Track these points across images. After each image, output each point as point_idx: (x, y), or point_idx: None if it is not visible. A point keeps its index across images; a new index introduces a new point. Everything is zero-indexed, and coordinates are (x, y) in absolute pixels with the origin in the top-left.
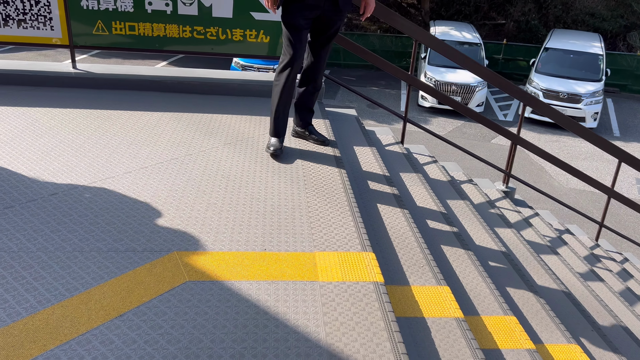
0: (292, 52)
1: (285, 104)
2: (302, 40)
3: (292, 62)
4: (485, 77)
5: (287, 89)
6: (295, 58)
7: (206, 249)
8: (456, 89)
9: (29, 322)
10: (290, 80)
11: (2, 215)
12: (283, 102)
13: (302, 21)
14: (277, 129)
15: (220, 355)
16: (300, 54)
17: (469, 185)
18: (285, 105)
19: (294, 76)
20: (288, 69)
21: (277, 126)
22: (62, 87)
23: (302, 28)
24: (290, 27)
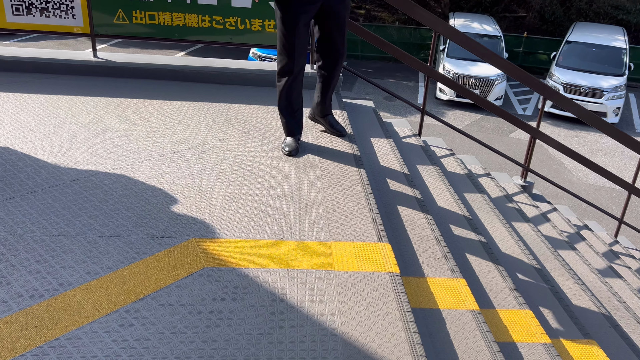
0: (288, 55)
1: (291, 104)
2: (301, 38)
3: (290, 67)
4: (506, 70)
5: (288, 91)
6: (293, 62)
7: (223, 237)
8: (475, 82)
9: (51, 303)
10: (290, 84)
11: (26, 199)
12: (288, 103)
13: (302, 16)
14: (290, 129)
15: (237, 340)
16: (299, 55)
17: (486, 179)
18: (291, 105)
19: (294, 79)
20: (287, 76)
21: (289, 126)
22: (83, 76)
23: (301, 24)
24: (287, 23)
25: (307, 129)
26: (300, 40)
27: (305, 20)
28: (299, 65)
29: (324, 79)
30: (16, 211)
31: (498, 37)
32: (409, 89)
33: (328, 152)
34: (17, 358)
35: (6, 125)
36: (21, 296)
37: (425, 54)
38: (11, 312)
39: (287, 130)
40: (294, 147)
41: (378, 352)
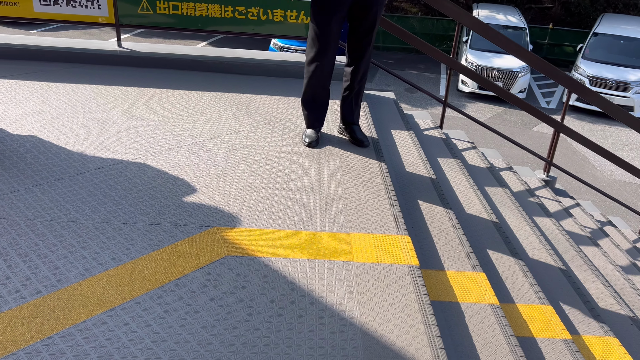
0: (318, 46)
1: (313, 97)
2: (334, 32)
3: (318, 59)
4: (530, 62)
5: (313, 83)
6: (321, 54)
7: (244, 226)
8: (498, 74)
9: (77, 288)
10: (317, 76)
11: (53, 186)
12: (310, 95)
13: (337, 8)
14: (310, 120)
15: (257, 328)
16: (326, 49)
17: (508, 173)
18: (315, 97)
19: (323, 70)
20: (314, 67)
21: (310, 117)
22: (108, 65)
23: (335, 19)
24: (320, 15)
25: (328, 121)
26: (332, 33)
27: (339, 14)
28: (327, 58)
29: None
30: (44, 197)
31: (523, 29)
32: (431, 80)
33: (348, 143)
34: (45, 340)
35: (34, 113)
36: (49, 280)
37: (447, 45)
38: (40, 295)
39: (308, 121)
40: (314, 139)
41: (397, 343)
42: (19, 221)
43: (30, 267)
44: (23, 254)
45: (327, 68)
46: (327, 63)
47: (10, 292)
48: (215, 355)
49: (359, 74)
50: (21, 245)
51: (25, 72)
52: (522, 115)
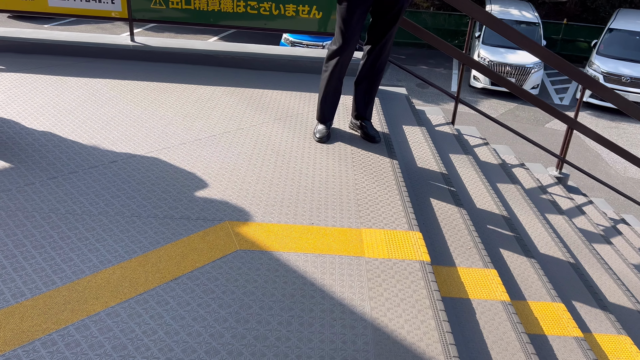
0: (341, 39)
1: (331, 91)
2: (355, 25)
3: (340, 52)
4: (544, 58)
5: (333, 77)
6: (343, 47)
7: (256, 220)
8: (510, 70)
9: (91, 280)
10: (337, 70)
11: (67, 179)
12: (328, 89)
13: (359, 2)
14: (324, 115)
15: (268, 321)
16: (349, 43)
17: (520, 170)
18: (331, 93)
19: (344, 64)
20: (337, 57)
21: (324, 112)
22: (121, 59)
23: (358, 12)
24: (345, 9)
25: (339, 115)
26: (355, 25)
27: (362, 9)
28: (349, 51)
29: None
30: (58, 190)
31: (536, 24)
32: (442, 76)
33: (360, 139)
34: (60, 330)
35: (48, 107)
36: (64, 271)
37: (459, 40)
38: (55, 286)
39: (321, 116)
40: (324, 134)
41: (407, 338)
42: (35, 213)
43: (46, 259)
44: (38, 245)
45: (347, 61)
46: (348, 56)
47: (26, 283)
48: (227, 348)
49: (376, 69)
50: (36, 237)
51: (40, 66)
52: (535, 111)
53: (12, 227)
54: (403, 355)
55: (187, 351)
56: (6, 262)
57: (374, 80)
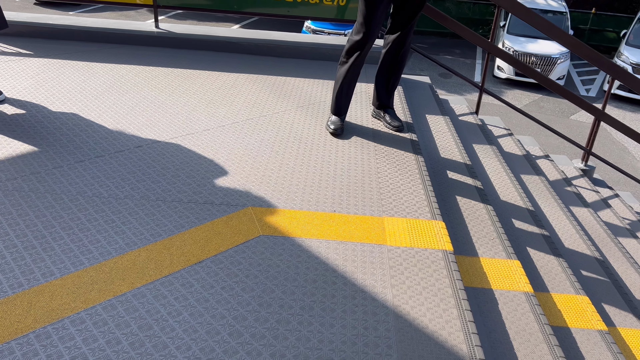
0: (365, 31)
1: (349, 83)
2: (380, 16)
3: (364, 44)
4: (572, 47)
5: (353, 69)
6: (367, 39)
7: (279, 207)
8: (536, 60)
9: (118, 261)
10: (358, 62)
11: (94, 163)
12: (347, 81)
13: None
14: (339, 107)
15: (290, 306)
16: (373, 34)
17: (545, 161)
18: (349, 84)
19: (363, 57)
20: (358, 51)
21: (339, 104)
22: (145, 46)
23: (381, 3)
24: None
25: (362, 104)
26: (378, 17)
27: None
28: (370, 43)
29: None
30: (85, 174)
31: (563, 14)
32: (466, 66)
33: (382, 127)
34: (88, 309)
35: (75, 92)
36: (91, 252)
37: (484, 30)
38: (83, 266)
39: (335, 108)
40: (339, 126)
41: (429, 326)
42: (63, 196)
43: (74, 240)
44: (67, 227)
45: (367, 53)
46: (370, 48)
47: (55, 262)
48: (250, 331)
49: (399, 57)
50: (65, 219)
51: (67, 51)
52: (560, 102)
53: (42, 208)
54: (425, 343)
55: (210, 333)
56: (36, 242)
57: (397, 69)
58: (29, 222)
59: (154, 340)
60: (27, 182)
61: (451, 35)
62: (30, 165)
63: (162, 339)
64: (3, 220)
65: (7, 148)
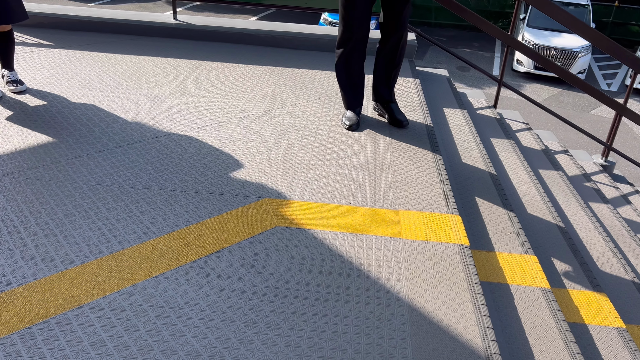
0: (346, 23)
1: (349, 76)
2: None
3: (347, 39)
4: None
5: (346, 63)
6: (351, 30)
7: (294, 199)
8: (556, 53)
9: (136, 250)
10: (348, 56)
11: (113, 153)
12: (344, 76)
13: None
14: (348, 102)
15: (305, 297)
16: (357, 25)
17: (563, 156)
18: (349, 77)
19: (354, 48)
20: (342, 48)
21: (347, 99)
22: (164, 37)
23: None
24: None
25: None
26: (359, 9)
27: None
28: (357, 35)
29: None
30: (104, 163)
31: (585, 6)
32: (485, 59)
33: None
34: (107, 297)
35: (95, 83)
36: (110, 241)
37: (503, 23)
38: (101, 255)
39: (346, 103)
40: (354, 122)
41: (444, 320)
42: (82, 185)
43: (93, 229)
44: (86, 215)
45: (358, 50)
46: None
47: (75, 250)
48: (265, 321)
49: (396, 49)
50: (84, 208)
51: (87, 42)
52: (580, 97)
53: (62, 197)
54: (439, 337)
55: (226, 322)
56: (56, 230)
57: (396, 62)
58: (50, 211)
59: (170, 328)
60: (48, 171)
61: (470, 28)
62: (51, 155)
63: (178, 327)
64: (25, 208)
65: (28, 137)
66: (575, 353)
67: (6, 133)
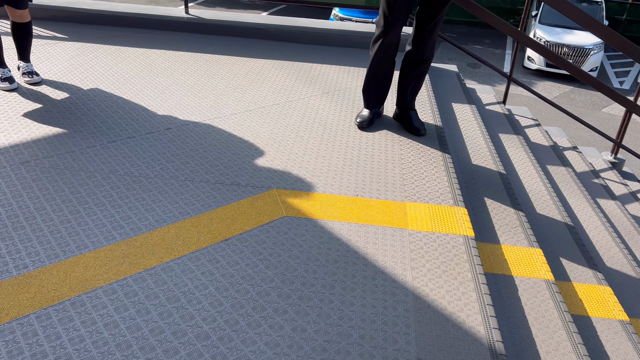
0: (385, 24)
1: (376, 76)
2: (401, 8)
3: (384, 34)
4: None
5: (379, 60)
6: (387, 29)
7: (302, 190)
8: (568, 51)
9: (148, 237)
10: (382, 51)
11: (125, 144)
12: (374, 73)
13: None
14: (367, 100)
15: (312, 283)
16: (395, 27)
17: (572, 153)
18: (376, 77)
19: (389, 46)
20: (378, 44)
21: (368, 97)
22: (175, 31)
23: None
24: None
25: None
26: (399, 11)
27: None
28: (391, 37)
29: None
30: (117, 153)
31: (598, 3)
32: (495, 56)
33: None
34: (119, 280)
35: (108, 75)
36: (123, 228)
37: (515, 20)
38: (114, 241)
39: (364, 101)
40: (365, 119)
41: (448, 308)
42: (96, 174)
43: (106, 216)
44: (100, 203)
45: (392, 46)
46: (392, 41)
47: (89, 236)
48: (273, 306)
49: (426, 54)
50: (98, 196)
51: (100, 36)
52: (591, 95)
53: (76, 185)
54: (443, 324)
55: (235, 306)
56: (71, 216)
57: (423, 68)
58: (65, 198)
59: (181, 312)
60: (63, 160)
61: (481, 25)
62: (66, 144)
63: (188, 310)
64: (40, 195)
65: (44, 127)
66: (578, 343)
67: (22, 123)
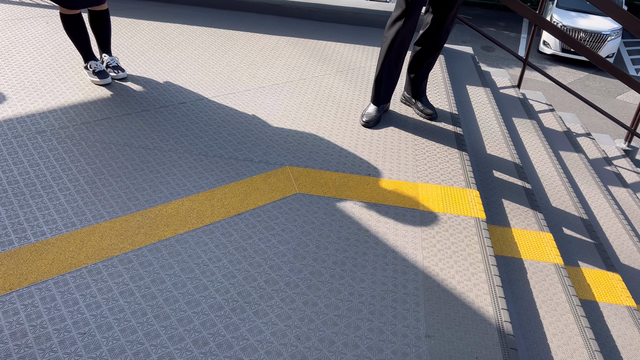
0: (406, 4)
1: (389, 66)
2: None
3: (404, 15)
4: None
5: (395, 49)
6: (409, 12)
7: (315, 167)
8: (585, 36)
9: (162, 209)
10: (400, 37)
11: (140, 116)
12: (387, 63)
13: None
14: (376, 95)
15: (323, 260)
16: (417, 8)
17: (585, 139)
18: (389, 68)
19: (405, 34)
20: (399, 23)
21: (377, 91)
22: (190, 5)
23: None
24: None
25: (403, 75)
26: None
27: None
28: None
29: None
30: (132, 126)
31: None
32: (510, 39)
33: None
34: (135, 250)
35: (122, 48)
36: (137, 199)
37: (531, 4)
38: (130, 212)
39: (374, 96)
40: (372, 117)
41: (457, 288)
42: (111, 145)
43: (122, 187)
44: (115, 174)
45: (410, 32)
46: (411, 25)
47: (105, 207)
48: (285, 280)
49: (440, 39)
50: (113, 167)
51: (114, 8)
52: (607, 82)
53: (92, 156)
54: (452, 303)
55: (248, 279)
56: (87, 187)
57: (435, 52)
58: (81, 168)
59: (195, 282)
60: (79, 130)
61: (496, 7)
62: (81, 116)
63: (202, 281)
64: (57, 165)
65: (59, 98)
66: (585, 327)
67: (38, 93)
